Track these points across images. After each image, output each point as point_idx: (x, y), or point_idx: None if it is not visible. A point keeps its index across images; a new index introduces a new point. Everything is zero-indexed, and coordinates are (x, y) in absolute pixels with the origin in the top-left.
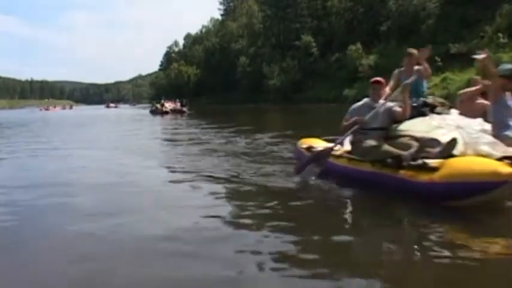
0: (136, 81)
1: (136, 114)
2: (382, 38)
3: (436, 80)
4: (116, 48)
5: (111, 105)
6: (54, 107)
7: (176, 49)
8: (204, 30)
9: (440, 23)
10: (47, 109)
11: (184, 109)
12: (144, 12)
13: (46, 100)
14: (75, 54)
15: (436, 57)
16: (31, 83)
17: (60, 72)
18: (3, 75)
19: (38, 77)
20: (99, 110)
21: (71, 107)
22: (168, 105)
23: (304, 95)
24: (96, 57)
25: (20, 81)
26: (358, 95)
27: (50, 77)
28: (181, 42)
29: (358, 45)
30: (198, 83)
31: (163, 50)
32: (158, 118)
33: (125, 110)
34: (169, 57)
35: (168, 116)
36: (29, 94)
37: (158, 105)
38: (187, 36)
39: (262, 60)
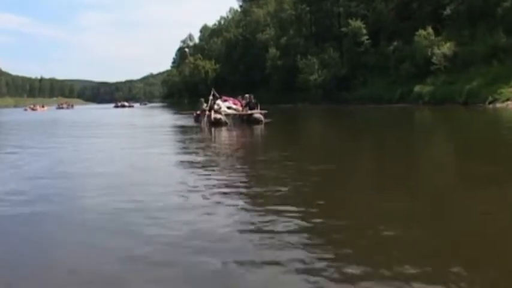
0: (147, 79)
1: (149, 124)
2: (447, 23)
3: None
4: (127, 46)
5: (125, 104)
6: (43, 106)
7: (191, 43)
8: (222, 21)
9: None
10: (33, 109)
11: (259, 115)
12: (155, 11)
13: (55, 98)
14: (86, 53)
15: None
16: (40, 81)
17: (71, 70)
18: (13, 73)
19: (48, 75)
20: (105, 110)
21: (69, 106)
22: (225, 107)
23: (355, 93)
24: (107, 56)
25: (29, 79)
26: (436, 92)
27: (60, 76)
28: (196, 36)
29: (430, 29)
30: (217, 79)
31: (175, 49)
32: (203, 137)
33: (135, 111)
34: (182, 53)
35: (224, 132)
36: (37, 92)
37: (204, 106)
38: (204, 28)
39: (297, 52)
